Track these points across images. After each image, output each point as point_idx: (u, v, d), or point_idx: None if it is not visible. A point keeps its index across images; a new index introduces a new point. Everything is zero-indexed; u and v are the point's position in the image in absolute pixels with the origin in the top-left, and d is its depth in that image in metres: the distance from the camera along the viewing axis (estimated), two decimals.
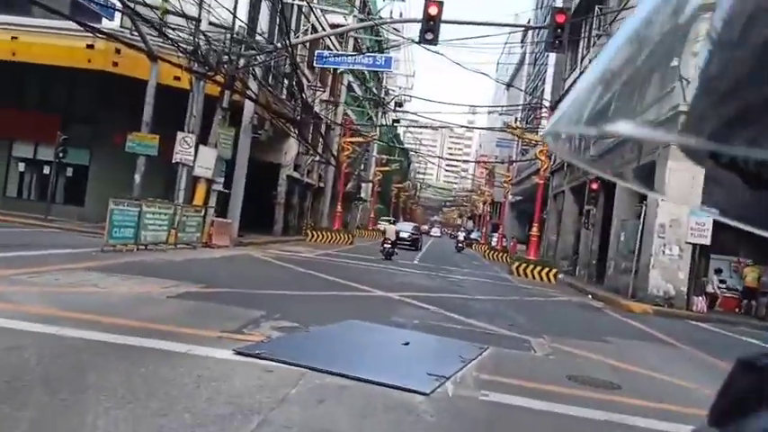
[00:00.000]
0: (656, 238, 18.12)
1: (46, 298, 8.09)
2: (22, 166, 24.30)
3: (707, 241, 17.50)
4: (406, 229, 33.99)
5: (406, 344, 8.15)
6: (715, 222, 17.09)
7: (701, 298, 17.95)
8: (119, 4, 17.00)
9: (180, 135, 18.55)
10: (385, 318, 10.11)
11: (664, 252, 18.08)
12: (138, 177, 18.16)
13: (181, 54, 17.49)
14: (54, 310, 7.34)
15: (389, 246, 24.99)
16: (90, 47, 18.89)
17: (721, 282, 19.69)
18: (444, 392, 5.95)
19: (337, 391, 5.57)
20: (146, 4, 17.25)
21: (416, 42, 17.14)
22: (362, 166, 53.02)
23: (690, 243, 17.77)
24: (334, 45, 35.21)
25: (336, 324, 8.86)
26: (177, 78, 18.68)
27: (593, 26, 28.10)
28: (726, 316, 17.77)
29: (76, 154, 22.62)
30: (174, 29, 17.69)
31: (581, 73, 28.63)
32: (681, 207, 17.87)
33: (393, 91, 61.55)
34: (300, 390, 5.42)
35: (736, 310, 19.00)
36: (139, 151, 18.15)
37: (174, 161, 18.67)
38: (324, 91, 35.08)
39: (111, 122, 21.23)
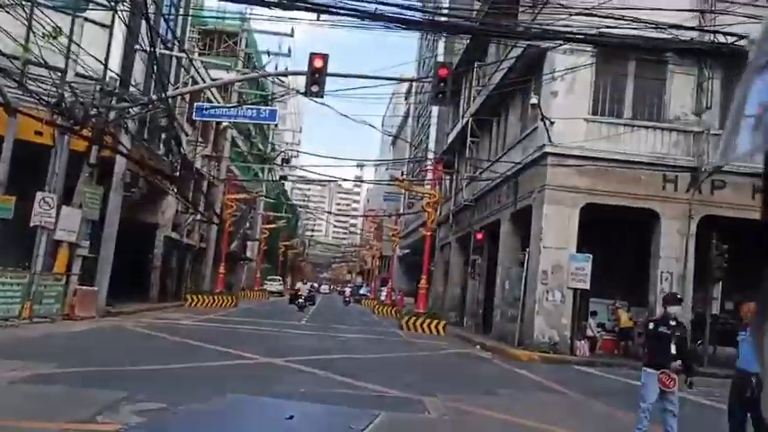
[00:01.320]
0: (539, 284, 18.39)
1: None
2: None
3: (586, 286, 17.96)
4: (305, 288, 41.13)
5: (290, 417, 7.37)
6: (594, 266, 17.63)
7: (583, 342, 18.31)
8: None
9: (39, 195, 16.82)
10: (268, 389, 9.28)
11: (547, 298, 18.33)
12: None
13: (43, 107, 16.00)
14: None
15: (302, 300, 34.44)
16: None
17: (599, 325, 20.24)
18: None
19: None
20: (3, 54, 15.73)
21: (302, 94, 16.87)
22: (248, 224, 51.50)
23: (571, 288, 18.15)
24: (216, 99, 34.22)
25: (210, 401, 7.89)
26: (39, 133, 17.06)
27: (473, 81, 29.07)
28: (606, 358, 18.17)
29: None
30: (35, 80, 16.22)
31: (463, 127, 29.55)
32: (561, 252, 18.31)
33: (280, 146, 60.93)
34: None
35: (615, 351, 19.57)
36: None
37: (32, 224, 16.86)
38: (205, 146, 33.86)
39: None
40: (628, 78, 19.35)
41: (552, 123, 18.50)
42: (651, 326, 7.35)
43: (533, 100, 18.73)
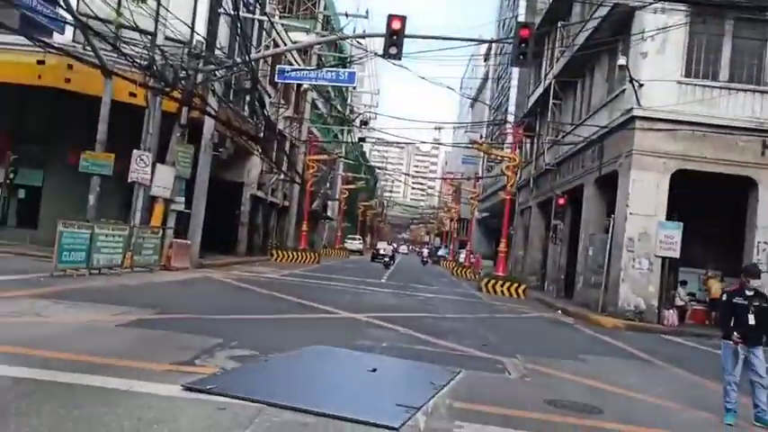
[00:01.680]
0: (625, 251, 17.97)
1: None
2: None
3: (676, 254, 17.37)
4: (386, 248, 46.25)
5: (374, 370, 7.62)
6: (683, 234, 17.02)
7: (671, 311, 17.81)
8: (70, 18, 16.21)
9: (136, 153, 17.78)
10: (351, 341, 9.60)
11: (633, 266, 17.93)
12: (92, 198, 17.27)
13: (136, 69, 16.78)
14: None
15: (386, 258, 40.92)
16: (41, 62, 17.92)
17: (689, 294, 19.61)
18: (415, 425, 5.48)
19: (297, 430, 5.02)
20: (98, 18, 16.53)
21: (380, 56, 16.90)
22: (328, 185, 52.44)
23: (659, 256, 17.63)
24: (297, 62, 34.73)
25: (298, 350, 8.30)
26: (133, 95, 17.96)
27: (556, 42, 28.19)
28: (696, 329, 17.61)
29: (29, 175, 21.54)
30: (128, 43, 16.98)
31: (545, 89, 28.79)
32: (649, 220, 17.77)
33: (358, 108, 61.29)
34: (255, 430, 4.86)
35: (706, 322, 18.92)
36: (93, 171, 17.28)
37: (129, 180, 17.88)
38: (287, 108, 34.55)
39: (65, 141, 20.23)
40: (724, 38, 18.28)
41: (641, 86, 17.81)
42: (725, 296, 7.24)
43: (621, 61, 17.98)
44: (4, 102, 21.66)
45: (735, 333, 6.89)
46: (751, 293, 6.98)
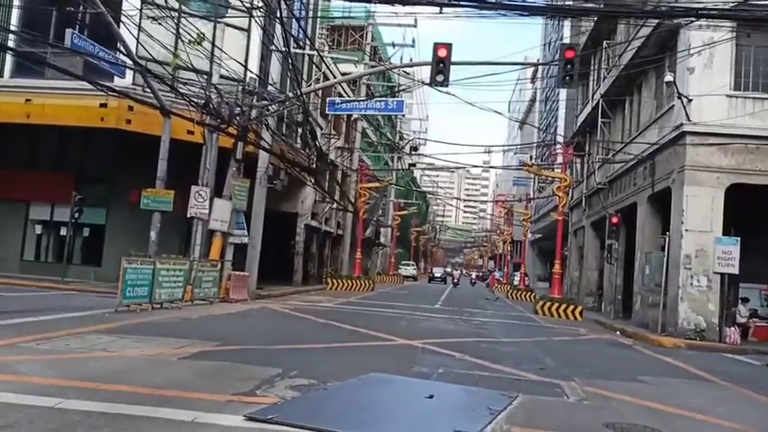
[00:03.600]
0: (682, 269, 17.64)
1: (51, 366, 7.75)
2: (39, 228, 24.21)
3: (735, 270, 16.97)
4: (439, 271, 65.54)
5: (431, 397, 7.68)
6: (741, 249, 16.57)
7: (733, 328, 17.31)
8: (130, 63, 17.10)
9: (194, 189, 18.44)
10: (408, 368, 9.67)
11: (691, 283, 17.58)
12: (153, 234, 17.96)
13: (193, 108, 17.49)
14: (57, 379, 7.00)
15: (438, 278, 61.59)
16: (103, 105, 18.98)
17: (752, 310, 19.00)
18: None
19: None
20: (156, 61, 17.38)
21: (427, 84, 17.13)
22: (381, 212, 52.82)
23: (718, 273, 17.22)
24: (346, 93, 35.44)
25: (356, 378, 8.41)
26: (190, 132, 18.71)
27: (602, 61, 28.03)
28: (760, 346, 17.05)
29: (93, 213, 22.55)
30: (185, 83, 17.77)
31: (593, 108, 28.56)
32: (706, 236, 17.45)
33: (407, 135, 61.77)
34: None
35: None
36: (154, 207, 18.01)
37: (189, 215, 18.53)
38: (338, 138, 35.17)
39: (126, 180, 21.23)
40: None
41: (690, 101, 17.61)
42: None
43: (668, 77, 17.87)
44: (69, 144, 22.95)
45: None
46: None
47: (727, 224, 17.51)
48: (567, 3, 25.13)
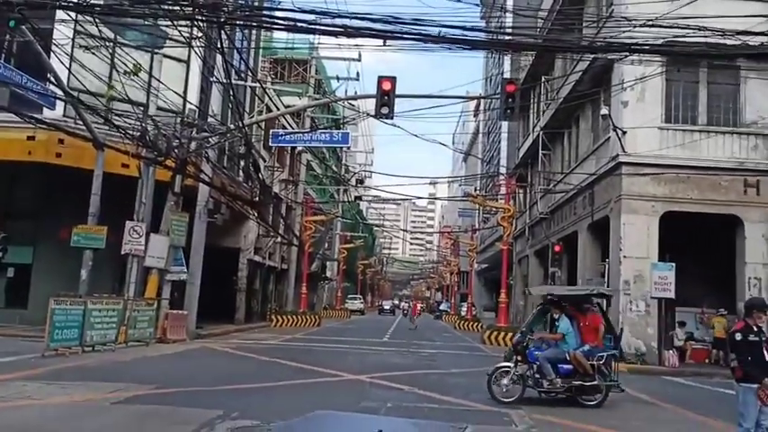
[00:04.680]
0: (621, 294, 18.08)
1: None
2: None
3: (671, 294, 17.47)
4: (387, 304, 71.63)
5: None
6: (677, 275, 17.09)
7: (671, 352, 17.84)
8: (60, 93, 16.45)
9: (129, 224, 17.73)
10: (355, 404, 9.44)
11: (631, 308, 18.11)
12: (84, 273, 17.06)
13: (128, 140, 16.90)
14: None
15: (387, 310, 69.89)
16: (31, 138, 17.99)
17: (688, 334, 19.53)
18: None
19: None
20: (89, 92, 16.77)
21: (373, 116, 17.16)
22: (327, 245, 52.40)
23: (655, 297, 17.68)
24: (290, 125, 35.21)
25: (302, 417, 8.09)
26: (125, 165, 18.01)
27: (542, 95, 28.80)
28: (697, 368, 17.57)
29: (18, 252, 21.02)
30: (120, 115, 17.16)
31: (534, 140, 29.24)
32: (643, 262, 18.03)
33: (353, 168, 61.88)
34: None
35: (706, 360, 18.87)
36: (85, 245, 17.15)
37: (123, 252, 17.77)
38: (282, 171, 34.80)
39: (56, 216, 20.07)
40: (700, 85, 19.07)
41: (624, 133, 18.36)
42: (739, 336, 6.54)
43: (604, 111, 18.71)
44: None
45: None
46: (756, 329, 6.58)
47: (662, 250, 18.12)
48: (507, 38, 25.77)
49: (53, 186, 20.46)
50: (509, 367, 10.39)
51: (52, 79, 15.88)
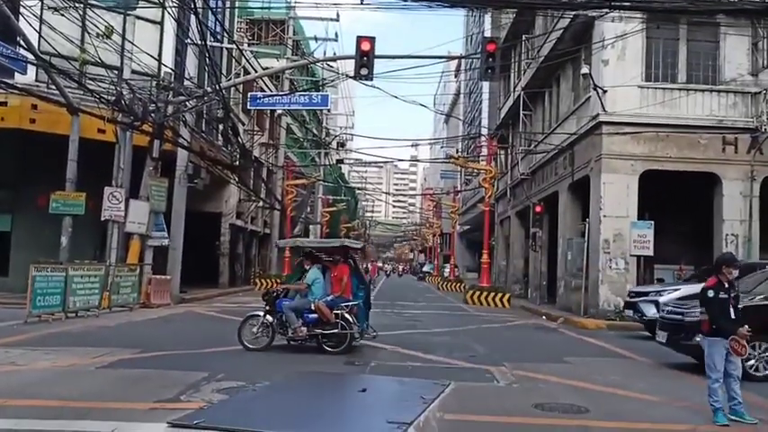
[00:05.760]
0: (601, 253, 18.34)
1: None
2: None
3: (650, 252, 17.78)
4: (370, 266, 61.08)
5: (363, 390, 7.42)
6: (656, 233, 17.34)
7: None
8: (32, 58, 16.05)
9: (108, 190, 17.55)
10: (339, 363, 9.59)
11: (610, 266, 18.35)
12: (65, 240, 16.94)
13: (103, 105, 16.59)
14: None
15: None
16: (2, 104, 17.67)
17: None
18: None
19: None
20: (62, 56, 16.37)
21: (352, 77, 16.99)
22: (309, 209, 52.28)
23: (634, 255, 17.94)
24: (269, 88, 34.74)
25: (285, 377, 8.15)
26: (102, 131, 17.76)
27: (522, 55, 28.60)
28: None
29: None
30: (94, 79, 16.79)
31: (514, 101, 29.14)
32: (622, 221, 18.21)
33: (334, 131, 61.43)
34: None
35: None
36: (64, 211, 16.99)
37: (102, 218, 17.62)
38: (262, 134, 34.47)
39: (33, 183, 19.82)
40: (680, 42, 18.99)
41: (605, 92, 18.32)
42: (711, 293, 6.78)
43: (584, 69, 18.62)
44: None
45: (745, 327, 6.60)
46: (727, 286, 6.85)
47: (642, 209, 18.33)
48: None
49: (29, 153, 20.16)
50: (259, 315, 10.90)
51: (22, 43, 15.50)
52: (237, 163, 26.90)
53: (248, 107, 26.48)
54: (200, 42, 20.12)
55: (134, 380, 7.93)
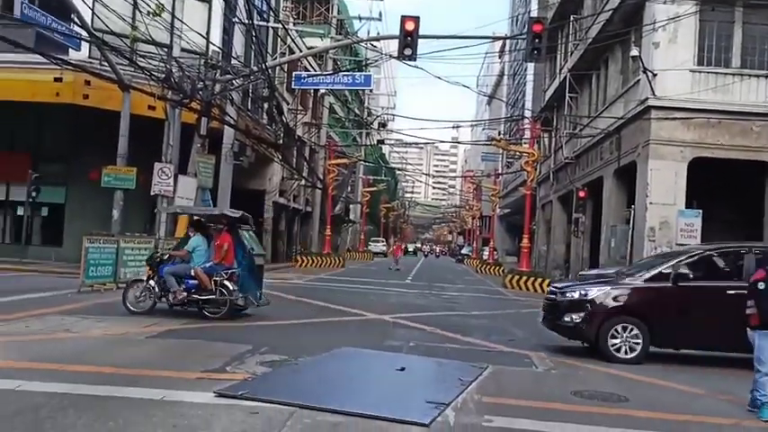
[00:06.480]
0: (646, 241, 18.00)
1: (11, 349, 7.52)
2: None
3: (697, 241, 17.34)
4: (411, 246, 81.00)
5: (402, 369, 7.69)
6: (703, 221, 16.95)
7: None
8: (85, 35, 16.46)
9: (157, 166, 18.00)
10: (379, 342, 9.73)
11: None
12: (116, 213, 17.51)
13: (153, 82, 16.96)
14: (18, 361, 6.81)
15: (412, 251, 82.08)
16: (58, 80, 18.23)
17: None
18: (445, 421, 5.53)
19: (329, 430, 5.10)
20: (114, 33, 16.77)
21: (395, 58, 16.94)
22: (349, 188, 52.62)
23: (680, 245, 17.57)
24: (312, 67, 34.95)
25: (327, 353, 8.38)
26: (152, 108, 18.17)
27: (569, 36, 28.09)
28: None
29: (51, 192, 21.78)
30: (144, 57, 17.18)
31: (560, 83, 28.70)
32: (669, 208, 17.82)
33: (376, 111, 61.42)
34: None
35: None
36: (116, 185, 17.55)
37: (152, 193, 18.11)
38: (305, 113, 34.75)
39: (86, 157, 20.52)
40: (735, 26, 18.32)
41: (655, 75, 17.87)
42: (762, 285, 6.59)
43: (634, 52, 18.15)
44: (23, 121, 22.04)
45: None
46: None
47: (689, 197, 17.90)
48: None
49: (82, 128, 20.79)
50: (143, 280, 11.24)
51: (76, 20, 15.89)
52: (281, 141, 27.23)
53: (293, 86, 26.70)
54: (247, 21, 20.36)
55: (182, 349, 8.20)
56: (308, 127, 36.53)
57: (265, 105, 26.60)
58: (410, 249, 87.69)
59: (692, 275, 9.49)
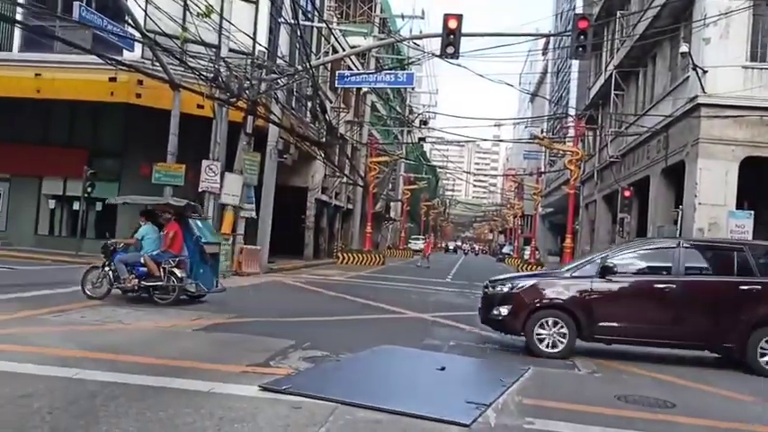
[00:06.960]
0: None
1: (67, 338, 7.86)
2: (52, 203, 24.31)
3: None
4: (451, 244, 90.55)
5: (442, 369, 7.72)
6: (754, 223, 16.50)
7: None
8: (138, 36, 16.97)
9: (205, 163, 18.44)
10: (419, 340, 9.76)
11: None
12: None
13: (202, 82, 17.38)
14: (74, 350, 7.11)
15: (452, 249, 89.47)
16: (113, 80, 18.88)
17: None
18: (486, 422, 5.53)
19: (370, 427, 5.18)
20: (165, 34, 17.24)
21: (438, 56, 16.94)
22: (390, 186, 52.75)
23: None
24: (355, 66, 35.18)
25: (368, 350, 8.48)
26: (200, 106, 18.64)
27: (616, 32, 27.63)
28: None
29: (105, 188, 22.53)
30: (194, 57, 17.62)
31: (606, 80, 28.24)
32: (719, 209, 17.38)
33: (417, 109, 61.38)
34: (330, 428, 5.04)
35: None
36: (165, 182, 18.04)
37: (200, 190, 18.54)
38: (347, 112, 35.00)
39: (137, 154, 21.23)
40: None
41: (705, 72, 17.41)
42: None
43: (683, 48, 17.70)
44: (80, 119, 22.93)
45: None
46: None
47: (740, 198, 17.41)
48: None
49: (134, 126, 21.46)
50: (99, 267, 11.60)
51: (130, 21, 16.38)
52: (324, 139, 27.50)
53: (336, 85, 26.96)
54: (292, 21, 20.65)
55: (228, 343, 8.39)
56: (351, 125, 36.78)
57: (309, 104, 26.91)
58: (450, 247, 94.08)
59: (618, 269, 9.21)
